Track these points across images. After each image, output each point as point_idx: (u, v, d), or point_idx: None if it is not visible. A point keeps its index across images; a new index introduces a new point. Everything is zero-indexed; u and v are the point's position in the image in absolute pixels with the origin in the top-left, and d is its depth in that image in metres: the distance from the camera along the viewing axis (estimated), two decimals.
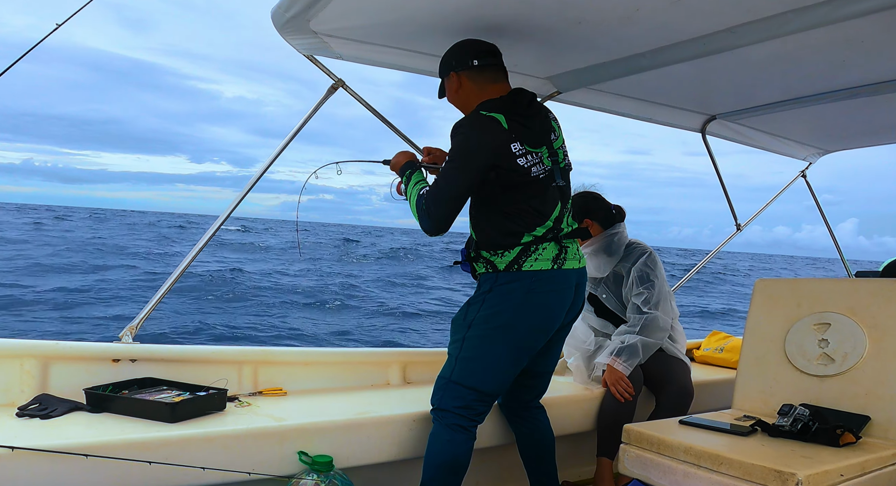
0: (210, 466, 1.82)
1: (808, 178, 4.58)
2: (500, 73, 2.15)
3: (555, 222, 2.07)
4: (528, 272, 2.03)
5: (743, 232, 4.21)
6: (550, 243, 2.05)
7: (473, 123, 1.99)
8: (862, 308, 2.23)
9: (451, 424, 2.06)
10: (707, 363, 3.75)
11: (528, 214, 2.03)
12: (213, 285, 17.27)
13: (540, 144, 2.05)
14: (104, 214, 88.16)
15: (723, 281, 33.71)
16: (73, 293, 14.67)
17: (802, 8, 2.01)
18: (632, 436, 2.13)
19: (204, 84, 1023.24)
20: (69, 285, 15.64)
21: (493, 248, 2.07)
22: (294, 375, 2.52)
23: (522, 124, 2.01)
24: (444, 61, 2.17)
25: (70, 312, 12.70)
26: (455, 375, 2.08)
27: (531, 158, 2.01)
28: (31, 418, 1.87)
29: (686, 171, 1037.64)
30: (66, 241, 29.96)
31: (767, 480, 1.73)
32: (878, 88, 2.76)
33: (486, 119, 1.98)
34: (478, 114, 2.01)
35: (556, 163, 2.10)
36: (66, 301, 13.69)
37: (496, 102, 2.05)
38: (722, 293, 27.21)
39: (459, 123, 2.01)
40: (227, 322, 12.46)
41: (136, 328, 2.29)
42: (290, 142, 2.56)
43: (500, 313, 2.04)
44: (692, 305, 20.56)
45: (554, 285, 2.06)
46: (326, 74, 2.61)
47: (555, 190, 2.09)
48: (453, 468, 2.06)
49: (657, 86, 2.92)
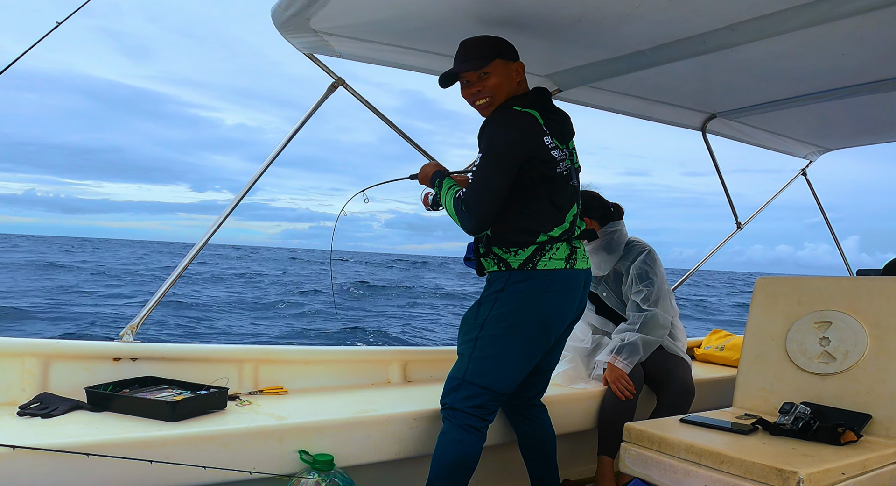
0: (211, 465, 1.82)
1: (808, 176, 4.58)
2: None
3: (571, 223, 2.08)
4: (542, 271, 2.02)
5: (745, 252, 4.21)
6: (563, 243, 2.06)
7: (510, 119, 1.98)
8: (863, 306, 2.23)
9: (463, 424, 2.05)
10: (708, 362, 3.75)
11: (547, 212, 2.03)
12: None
13: (566, 141, 2.08)
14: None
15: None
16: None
17: (802, 5, 2.01)
18: (633, 434, 2.13)
19: (205, 112, 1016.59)
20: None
21: (507, 245, 2.05)
22: (295, 373, 2.52)
23: (553, 120, 2.04)
24: (492, 46, 2.07)
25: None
26: (469, 374, 2.06)
27: (560, 153, 2.03)
28: (32, 417, 1.87)
29: (685, 191, 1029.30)
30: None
31: (769, 478, 1.73)
32: (879, 85, 2.76)
33: (522, 114, 1.98)
34: (511, 110, 2.00)
35: (572, 163, 2.12)
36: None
37: (526, 97, 2.06)
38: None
39: (493, 119, 2.01)
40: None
41: (136, 327, 2.29)
42: (290, 140, 2.56)
43: (514, 311, 2.03)
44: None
45: (566, 285, 2.06)
46: (326, 73, 2.60)
47: (573, 190, 2.11)
48: (462, 467, 2.05)
49: (657, 84, 2.92)
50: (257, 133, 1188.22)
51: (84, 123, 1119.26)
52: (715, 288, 48.91)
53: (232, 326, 13.71)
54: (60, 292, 20.32)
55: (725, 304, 30.83)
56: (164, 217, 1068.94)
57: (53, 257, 41.82)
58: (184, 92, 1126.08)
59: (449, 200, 2.07)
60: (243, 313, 17.02)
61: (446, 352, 2.90)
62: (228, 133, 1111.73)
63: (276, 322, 15.73)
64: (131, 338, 2.27)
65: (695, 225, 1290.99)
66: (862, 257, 30.16)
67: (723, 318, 22.92)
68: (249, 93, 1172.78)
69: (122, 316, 14.78)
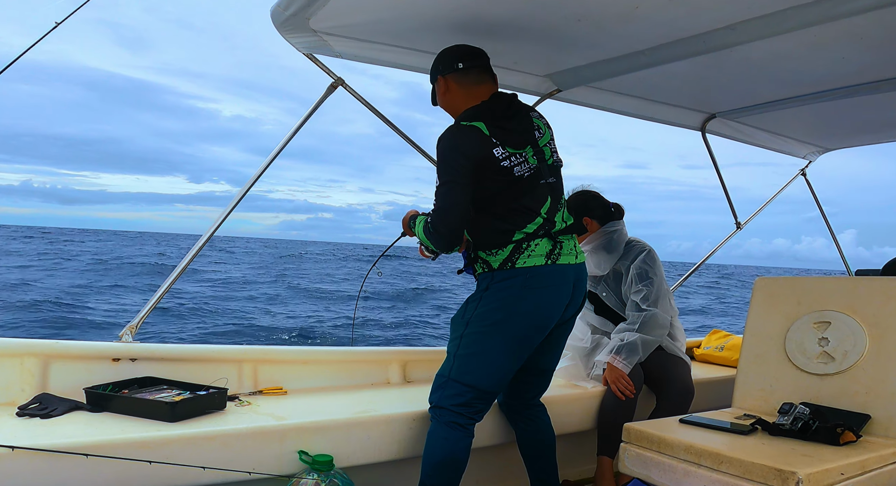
0: (210, 465, 1.82)
1: (807, 176, 4.58)
2: (484, 74, 2.18)
3: (546, 218, 2.09)
4: (521, 269, 2.05)
5: (742, 245, 4.22)
6: (543, 239, 2.08)
7: (455, 135, 2.04)
8: (862, 306, 2.23)
9: (448, 422, 2.07)
10: (707, 362, 3.75)
11: (518, 213, 2.07)
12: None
13: (523, 145, 2.08)
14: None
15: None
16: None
17: (802, 5, 2.01)
18: (632, 435, 2.13)
19: (202, 103, 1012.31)
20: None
21: (487, 247, 2.10)
22: (294, 374, 2.52)
23: (503, 128, 2.05)
24: (432, 68, 2.24)
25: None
26: (454, 372, 2.09)
27: (515, 160, 2.05)
28: (32, 417, 1.87)
29: (684, 184, 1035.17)
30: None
31: (768, 478, 1.73)
32: (878, 85, 2.76)
33: (467, 129, 2.03)
34: (459, 125, 2.06)
35: (542, 161, 2.12)
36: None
37: (475, 110, 2.09)
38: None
39: (442, 136, 2.05)
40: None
41: (135, 327, 2.29)
42: (290, 139, 2.56)
43: (496, 309, 2.06)
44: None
45: (549, 281, 2.07)
46: (326, 73, 2.60)
47: (544, 187, 2.11)
48: (451, 466, 2.06)
49: (657, 84, 2.92)
50: (255, 124, 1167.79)
51: (81, 114, 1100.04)
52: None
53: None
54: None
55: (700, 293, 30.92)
56: (162, 208, 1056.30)
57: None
58: (181, 83, 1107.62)
59: (420, 230, 2.13)
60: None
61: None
62: (226, 124, 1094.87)
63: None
64: (130, 338, 2.27)
65: (692, 218, 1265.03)
66: (859, 250, 30.16)
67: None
68: (248, 84, 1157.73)
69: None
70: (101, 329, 12.51)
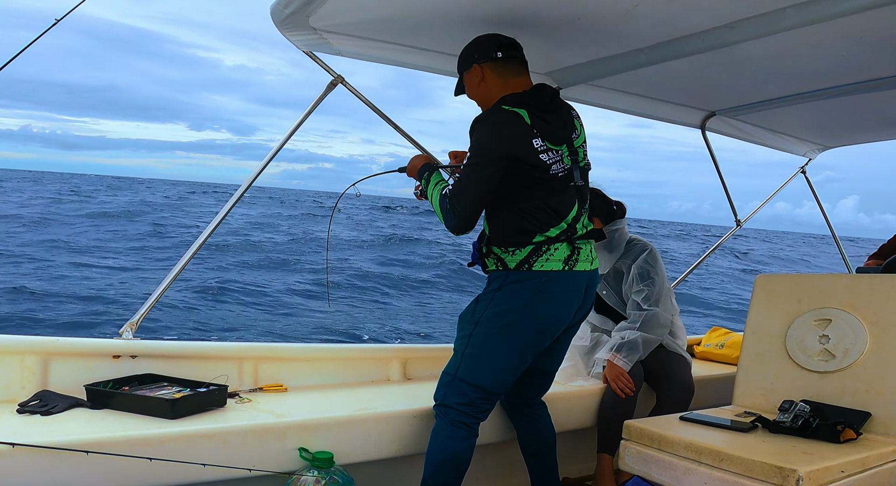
0: (210, 462, 1.82)
1: (807, 174, 4.59)
2: (522, 66, 2.11)
3: (570, 224, 2.03)
4: (538, 272, 2.00)
5: (744, 209, 4.24)
6: (563, 243, 2.02)
7: (495, 117, 1.96)
8: (863, 304, 2.23)
9: (453, 420, 2.06)
10: (708, 359, 3.75)
11: (543, 213, 1.99)
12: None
13: (561, 142, 2.01)
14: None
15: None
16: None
17: (801, 3, 2.01)
18: (632, 432, 2.13)
19: (204, 52, 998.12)
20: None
21: (504, 245, 2.04)
22: (294, 371, 2.52)
23: (545, 120, 1.98)
24: (464, 54, 2.12)
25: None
26: (460, 372, 2.07)
27: (552, 156, 1.97)
28: (32, 414, 1.87)
29: (688, 145, 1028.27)
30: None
31: (768, 476, 1.73)
32: (878, 83, 2.75)
33: (509, 113, 1.94)
34: (499, 108, 1.97)
35: (575, 162, 2.06)
36: None
37: (519, 96, 2.00)
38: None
39: (480, 118, 1.98)
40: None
41: (136, 324, 2.29)
42: (290, 137, 2.56)
43: (508, 311, 2.02)
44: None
45: (563, 286, 2.03)
46: (326, 71, 2.60)
47: (573, 190, 2.05)
48: (454, 464, 2.05)
49: (657, 82, 2.92)
50: (257, 74, 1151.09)
51: (82, 62, 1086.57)
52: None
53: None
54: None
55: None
56: (162, 155, 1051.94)
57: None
58: (182, 32, 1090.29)
59: (435, 196, 2.03)
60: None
61: (447, 350, 2.88)
62: (228, 73, 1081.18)
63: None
64: (131, 335, 2.27)
65: (695, 179, 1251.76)
66: (860, 217, 30.20)
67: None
68: (250, 34, 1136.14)
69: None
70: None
